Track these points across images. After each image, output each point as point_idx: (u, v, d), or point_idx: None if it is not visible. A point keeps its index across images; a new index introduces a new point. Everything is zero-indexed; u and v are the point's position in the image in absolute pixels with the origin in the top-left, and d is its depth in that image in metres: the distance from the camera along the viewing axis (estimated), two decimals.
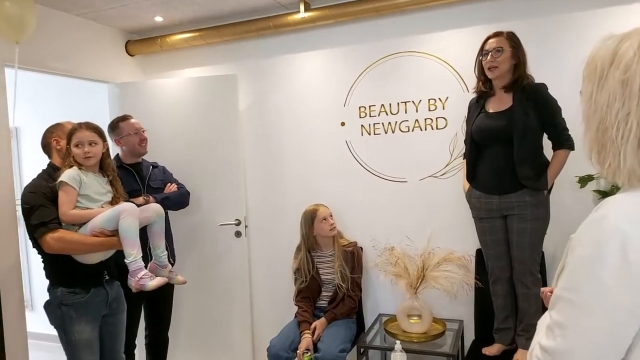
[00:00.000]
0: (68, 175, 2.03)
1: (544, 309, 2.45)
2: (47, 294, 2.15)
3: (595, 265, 0.74)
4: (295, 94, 3.23)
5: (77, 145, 2.07)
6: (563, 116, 2.28)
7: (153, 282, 2.08)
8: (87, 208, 2.08)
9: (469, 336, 2.78)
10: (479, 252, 2.68)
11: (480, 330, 2.70)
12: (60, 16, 3.05)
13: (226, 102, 3.23)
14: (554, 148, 2.31)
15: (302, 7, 3.00)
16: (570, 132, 2.28)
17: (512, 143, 2.25)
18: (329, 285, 2.82)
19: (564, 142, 2.28)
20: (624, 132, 0.79)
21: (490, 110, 2.37)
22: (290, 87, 3.24)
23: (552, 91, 2.27)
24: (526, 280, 2.34)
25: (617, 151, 0.80)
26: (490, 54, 2.28)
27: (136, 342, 2.78)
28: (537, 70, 2.37)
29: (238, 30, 3.20)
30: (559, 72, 2.55)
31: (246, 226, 3.31)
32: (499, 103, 2.34)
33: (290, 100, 3.24)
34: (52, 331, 2.17)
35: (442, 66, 2.85)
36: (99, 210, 2.09)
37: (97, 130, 2.14)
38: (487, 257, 2.48)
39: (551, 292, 1.08)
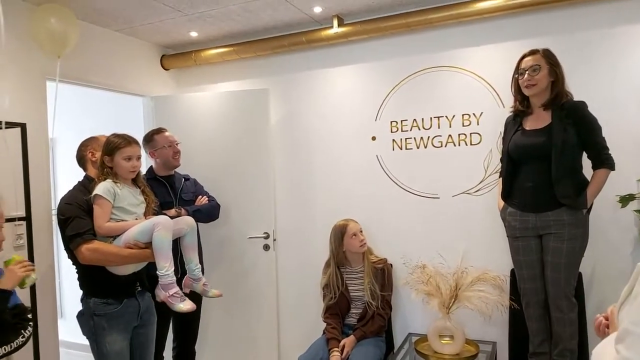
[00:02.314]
0: (102, 188, 2.05)
1: (582, 333, 2.35)
2: (80, 304, 2.18)
3: None
4: (326, 109, 3.23)
5: (127, 159, 2.10)
6: (604, 135, 2.21)
7: (182, 306, 2.07)
8: (122, 220, 2.10)
9: (502, 359, 2.69)
10: (513, 272, 2.60)
11: (515, 353, 2.62)
12: (100, 32, 3.14)
13: (258, 116, 3.26)
14: (594, 167, 2.25)
15: (335, 22, 3.01)
16: (610, 152, 2.21)
17: (550, 160, 2.19)
18: (358, 302, 2.77)
19: (604, 161, 2.21)
20: None
21: (528, 128, 2.32)
22: (322, 102, 3.24)
23: (594, 108, 2.21)
24: (561, 304, 2.26)
25: None
26: (527, 72, 2.23)
27: (164, 354, 2.79)
28: (576, 88, 2.31)
29: (271, 45, 3.24)
30: (599, 89, 2.48)
31: (274, 240, 3.30)
32: (536, 121, 2.29)
33: (321, 115, 3.25)
34: (81, 340, 2.19)
35: (476, 81, 2.80)
36: (133, 222, 2.11)
37: (140, 144, 2.20)
38: (520, 278, 2.40)
39: (606, 318, 1.02)
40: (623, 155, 2.24)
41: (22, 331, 1.66)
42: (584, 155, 2.27)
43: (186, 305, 2.08)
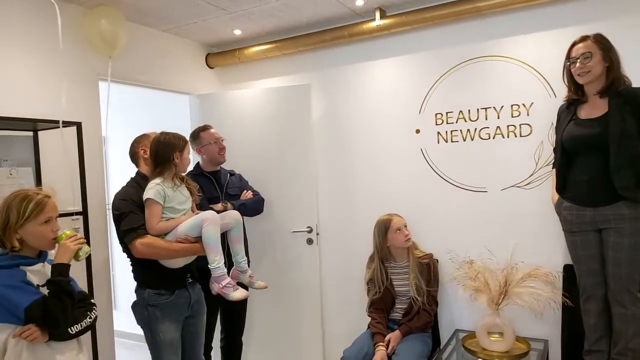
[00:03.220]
0: (153, 191, 2.12)
1: None
2: (134, 295, 2.26)
3: None
4: (369, 102, 3.20)
5: (189, 153, 2.26)
6: None
7: (236, 294, 2.15)
8: (172, 218, 2.18)
9: (555, 357, 2.60)
10: (567, 268, 2.51)
11: (568, 352, 2.53)
12: (147, 32, 3.24)
13: (300, 111, 3.27)
14: None
15: (377, 14, 2.98)
16: None
17: (607, 152, 2.09)
18: (403, 297, 2.74)
19: None
20: None
21: (583, 117, 2.21)
22: (364, 95, 3.22)
23: None
24: (623, 299, 2.15)
25: None
26: (578, 60, 2.14)
27: (212, 344, 2.86)
28: (634, 74, 2.19)
29: (313, 40, 3.24)
30: None
31: (318, 234, 3.32)
32: (592, 109, 2.19)
33: (363, 108, 3.22)
34: (133, 329, 2.27)
35: (526, 70, 2.71)
36: (182, 219, 2.18)
37: None
38: (580, 273, 2.30)
39: None
40: None
41: (88, 313, 1.75)
42: None
43: (240, 294, 2.16)
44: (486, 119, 2.83)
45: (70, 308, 1.62)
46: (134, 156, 2.40)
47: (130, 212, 2.13)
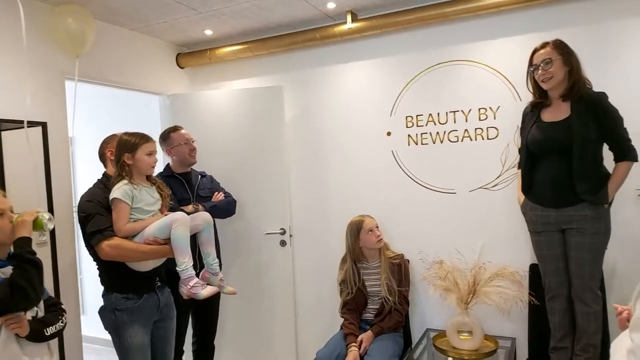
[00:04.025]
0: (120, 191, 2.08)
1: (604, 328, 2.33)
2: (101, 299, 2.21)
3: None
4: (341, 105, 3.22)
5: (149, 155, 2.16)
6: (625, 126, 2.17)
7: (205, 292, 2.12)
8: (140, 219, 2.14)
9: (522, 354, 2.67)
10: (532, 267, 2.58)
11: (534, 349, 2.60)
12: (116, 31, 3.18)
13: (272, 113, 3.27)
14: (616, 160, 2.20)
15: (349, 17, 3.01)
16: (632, 143, 2.17)
17: (570, 154, 2.16)
18: (375, 297, 2.77)
19: (626, 153, 2.17)
20: None
21: (546, 120, 2.28)
22: (336, 98, 3.24)
23: (613, 100, 2.17)
24: (586, 297, 2.23)
25: None
26: (541, 66, 2.20)
27: (184, 348, 2.82)
28: (597, 79, 2.28)
29: (285, 42, 3.24)
30: (621, 80, 2.45)
31: (291, 235, 3.32)
32: (555, 112, 2.26)
33: (335, 111, 3.24)
34: (102, 334, 2.23)
35: (492, 75, 2.77)
36: (151, 220, 2.15)
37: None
38: (544, 272, 2.37)
39: (629, 313, 1.01)
40: None
41: (59, 317, 1.72)
42: (605, 147, 2.23)
43: (209, 290, 2.14)
44: (455, 122, 2.89)
45: (36, 278, 1.55)
46: (102, 157, 2.37)
47: (96, 213, 2.09)
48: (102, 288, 2.22)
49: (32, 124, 2.42)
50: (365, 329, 2.69)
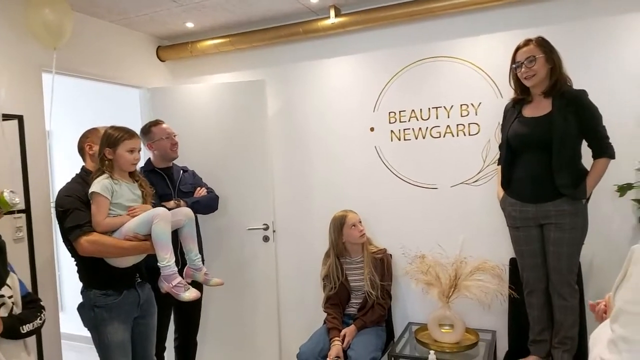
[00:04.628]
0: (100, 185, 2.04)
1: (582, 320, 2.38)
2: (80, 296, 2.18)
3: None
4: (324, 100, 3.22)
5: (130, 152, 2.11)
6: (604, 123, 2.21)
7: (187, 295, 2.09)
8: (119, 215, 2.10)
9: (502, 347, 2.71)
10: (512, 261, 2.62)
11: (514, 342, 2.63)
12: (95, 23, 3.11)
13: (255, 107, 3.24)
14: (594, 156, 2.24)
15: (332, 12, 3.00)
16: (610, 140, 2.22)
17: (550, 150, 2.19)
18: (358, 292, 2.78)
19: (604, 150, 2.21)
20: None
21: (528, 115, 2.31)
22: (319, 93, 3.23)
23: (591, 98, 2.21)
24: (563, 291, 2.27)
25: None
26: (523, 64, 2.23)
27: (165, 345, 2.79)
28: (577, 76, 2.31)
29: (267, 35, 3.22)
30: (600, 78, 2.49)
31: (274, 231, 3.31)
32: (536, 108, 2.29)
33: (319, 106, 3.23)
34: (82, 332, 2.20)
35: (475, 71, 2.80)
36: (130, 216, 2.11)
37: (140, 137, 2.23)
38: (523, 267, 2.41)
39: (605, 305, 1.03)
40: (620, 144, 2.24)
41: (38, 314, 1.70)
42: (584, 144, 2.27)
43: (191, 294, 2.10)
44: (437, 118, 2.91)
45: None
46: (81, 151, 2.32)
47: (75, 208, 2.05)
48: (81, 284, 2.18)
49: (7, 117, 2.37)
50: (348, 324, 2.71)
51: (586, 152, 2.27)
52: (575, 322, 2.29)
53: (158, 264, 2.08)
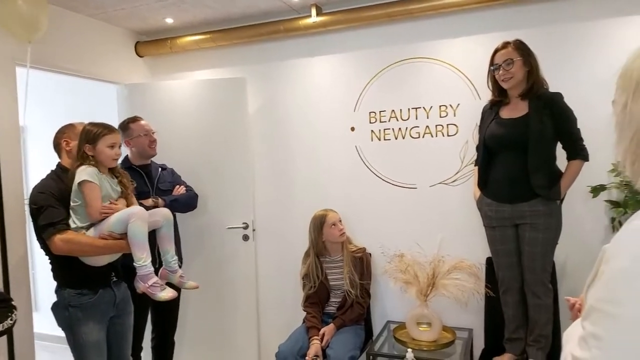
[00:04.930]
0: (88, 172, 2.01)
1: (555, 319, 2.43)
2: (55, 295, 2.13)
3: (633, 277, 0.72)
4: (305, 99, 3.21)
5: (111, 147, 2.09)
6: (578, 126, 2.26)
7: (163, 294, 2.06)
8: None
9: (479, 345, 2.75)
10: (489, 260, 2.66)
11: (490, 340, 2.67)
12: (72, 16, 3.05)
13: (235, 105, 3.22)
14: (569, 158, 2.29)
15: (313, 11, 2.99)
16: (584, 143, 2.26)
17: (526, 151, 2.23)
18: (338, 291, 2.79)
19: (578, 152, 2.26)
20: None
21: (505, 117, 2.35)
22: (300, 92, 3.22)
23: (568, 100, 2.25)
24: (537, 290, 2.31)
25: None
26: (501, 66, 2.26)
27: (142, 345, 2.76)
28: (553, 79, 2.35)
29: (248, 33, 3.19)
30: (575, 81, 2.54)
31: (254, 230, 3.29)
32: (513, 110, 2.32)
33: (299, 105, 3.23)
34: (56, 332, 2.15)
35: (453, 73, 2.83)
36: (119, 207, 2.10)
37: (119, 132, 2.21)
38: (498, 266, 2.45)
39: (580, 303, 1.06)
40: (594, 147, 2.29)
41: (9, 314, 1.67)
42: (558, 146, 2.32)
43: (167, 294, 2.07)
44: (416, 118, 2.93)
45: None
46: (56, 147, 2.26)
47: (49, 206, 2.01)
48: (55, 283, 2.14)
49: None
50: (327, 322, 2.71)
51: (561, 154, 2.32)
52: (549, 321, 2.33)
53: (134, 263, 2.05)
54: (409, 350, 2.28)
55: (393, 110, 2.98)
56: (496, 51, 2.31)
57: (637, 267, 0.72)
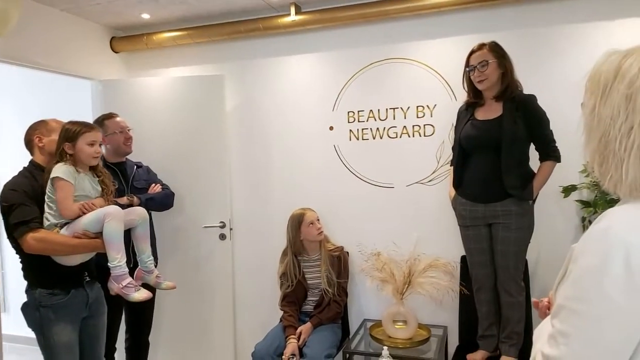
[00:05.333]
0: (63, 170, 1.97)
1: (527, 316, 2.48)
2: (25, 295, 2.08)
3: (600, 275, 0.74)
4: (284, 97, 3.21)
5: (91, 145, 2.06)
6: (551, 128, 2.32)
7: (137, 295, 2.04)
8: None
9: (453, 342, 2.79)
10: (463, 258, 2.70)
11: (464, 337, 2.72)
12: (45, 10, 2.97)
13: (212, 102, 3.19)
14: (541, 159, 2.34)
15: (292, 10, 2.99)
16: (556, 144, 2.32)
17: (500, 152, 2.27)
18: (315, 289, 2.80)
19: (550, 153, 2.32)
20: (627, 145, 0.80)
21: (480, 118, 2.39)
22: (279, 90, 3.22)
23: (541, 102, 2.31)
24: (510, 288, 2.36)
25: (620, 164, 0.81)
26: (476, 68, 2.30)
27: (116, 345, 2.72)
28: (526, 82, 2.40)
29: (226, 30, 3.17)
30: (547, 84, 2.59)
31: (231, 229, 3.27)
32: (488, 111, 2.37)
33: (278, 103, 3.22)
34: (26, 333, 2.10)
35: (430, 74, 2.86)
36: (99, 202, 2.07)
37: (100, 130, 2.18)
38: (472, 264, 2.49)
39: (548, 301, 1.09)
40: (565, 147, 2.35)
41: None
42: (531, 147, 2.37)
43: (142, 295, 2.05)
44: (394, 118, 2.96)
45: None
46: (28, 144, 2.20)
47: (21, 203, 1.96)
48: (25, 283, 2.08)
49: None
50: (304, 321, 2.72)
51: (534, 155, 2.37)
52: (522, 318, 2.39)
53: (108, 264, 2.02)
54: (385, 347, 2.29)
55: (371, 110, 3.00)
56: (472, 53, 2.35)
57: (603, 266, 0.74)
